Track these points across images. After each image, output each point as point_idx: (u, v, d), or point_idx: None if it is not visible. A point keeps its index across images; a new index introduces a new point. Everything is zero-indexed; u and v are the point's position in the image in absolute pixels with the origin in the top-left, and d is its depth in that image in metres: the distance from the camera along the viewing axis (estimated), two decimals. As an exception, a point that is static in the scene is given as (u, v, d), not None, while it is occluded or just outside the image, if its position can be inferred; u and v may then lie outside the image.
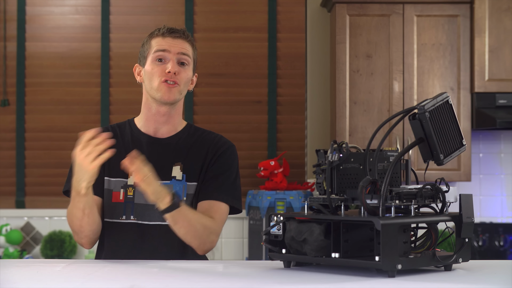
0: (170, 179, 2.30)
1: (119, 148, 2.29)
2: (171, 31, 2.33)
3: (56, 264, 2.05)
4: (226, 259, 4.44)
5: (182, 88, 2.31)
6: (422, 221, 1.79)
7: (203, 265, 2.01)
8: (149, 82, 2.31)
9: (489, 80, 4.13)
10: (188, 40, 2.35)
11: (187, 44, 2.34)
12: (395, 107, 4.15)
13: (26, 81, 4.55)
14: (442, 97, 1.83)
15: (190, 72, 2.34)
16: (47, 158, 4.53)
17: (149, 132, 2.36)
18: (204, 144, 2.36)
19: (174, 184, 2.30)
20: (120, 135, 2.36)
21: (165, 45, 2.31)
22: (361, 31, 4.13)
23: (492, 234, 4.40)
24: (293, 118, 4.56)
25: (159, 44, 2.31)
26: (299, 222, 1.81)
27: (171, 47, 2.30)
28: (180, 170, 2.31)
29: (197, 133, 2.39)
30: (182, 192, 2.30)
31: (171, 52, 2.30)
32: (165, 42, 2.31)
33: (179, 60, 2.31)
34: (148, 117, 2.35)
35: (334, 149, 1.80)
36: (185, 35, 2.34)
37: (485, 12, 4.14)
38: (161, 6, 4.59)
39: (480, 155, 4.53)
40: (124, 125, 2.41)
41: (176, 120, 2.37)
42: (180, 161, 2.32)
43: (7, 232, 4.41)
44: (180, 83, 2.30)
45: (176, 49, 2.30)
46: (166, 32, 2.32)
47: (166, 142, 2.35)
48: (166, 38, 2.32)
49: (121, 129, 2.39)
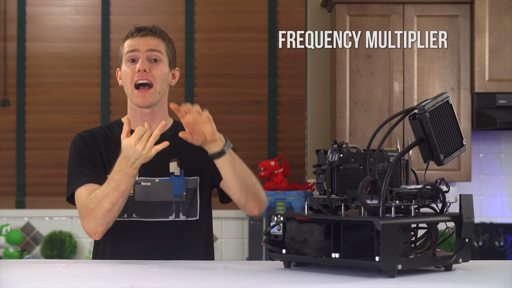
0: (168, 176, 2.31)
1: (113, 147, 2.30)
2: (139, 30, 2.32)
3: (56, 264, 2.04)
4: (226, 259, 4.44)
5: (158, 87, 2.29)
6: (422, 221, 1.79)
7: (203, 265, 2.01)
8: (125, 85, 2.32)
9: (489, 80, 4.13)
10: (158, 35, 2.33)
11: (157, 40, 2.32)
12: (395, 107, 4.15)
13: (26, 81, 4.55)
14: (442, 97, 1.83)
15: (164, 68, 2.32)
16: (47, 158, 4.53)
17: None
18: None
19: (173, 180, 2.30)
20: (111, 135, 2.36)
21: (134, 44, 2.31)
22: (361, 31, 4.13)
23: (492, 234, 4.39)
24: (293, 118, 4.56)
25: (129, 45, 2.31)
26: (299, 222, 1.81)
27: (140, 45, 2.30)
28: (178, 166, 2.32)
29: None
30: (182, 187, 2.31)
31: (140, 50, 2.30)
32: (134, 41, 2.31)
33: (149, 57, 2.30)
34: (135, 117, 2.34)
35: (334, 149, 1.80)
36: (153, 31, 2.32)
37: (485, 12, 4.14)
38: (161, 6, 4.59)
39: (480, 155, 4.53)
40: (113, 126, 2.40)
41: (162, 116, 2.36)
42: (176, 156, 2.33)
43: (7, 232, 4.41)
44: (155, 82, 2.28)
45: (144, 47, 2.30)
46: (135, 31, 2.33)
47: (159, 140, 2.34)
48: (135, 38, 2.32)
49: (110, 129, 2.38)
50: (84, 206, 2.19)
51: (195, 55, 4.57)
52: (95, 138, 2.34)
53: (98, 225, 2.16)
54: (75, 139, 2.35)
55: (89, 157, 2.30)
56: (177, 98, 4.47)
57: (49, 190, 4.50)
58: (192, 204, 2.32)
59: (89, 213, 2.16)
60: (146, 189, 2.29)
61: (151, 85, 2.28)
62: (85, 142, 2.32)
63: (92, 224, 2.17)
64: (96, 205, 2.14)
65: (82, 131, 2.37)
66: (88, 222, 2.17)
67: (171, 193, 2.30)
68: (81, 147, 2.31)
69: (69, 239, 4.36)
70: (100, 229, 2.17)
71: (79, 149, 2.31)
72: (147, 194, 2.29)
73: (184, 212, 2.31)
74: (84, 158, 2.29)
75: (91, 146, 2.32)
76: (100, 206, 2.14)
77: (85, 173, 2.26)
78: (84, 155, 2.30)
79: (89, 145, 2.32)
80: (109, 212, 2.14)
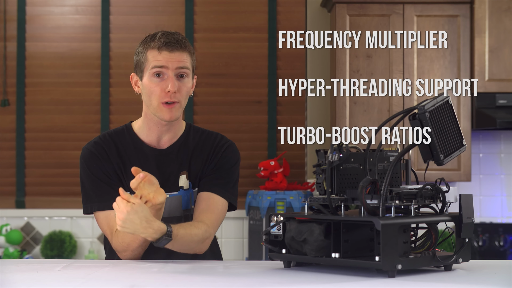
0: (178, 190, 2.27)
1: (124, 160, 2.25)
2: (167, 44, 2.19)
3: (56, 264, 2.04)
4: (226, 259, 4.43)
5: (183, 103, 2.23)
6: (422, 221, 1.79)
7: (203, 265, 2.01)
8: (148, 98, 2.22)
9: (489, 80, 4.13)
10: (186, 50, 2.22)
11: (185, 55, 2.22)
12: (395, 107, 4.15)
13: (26, 81, 4.55)
14: (442, 97, 1.83)
15: (189, 83, 2.24)
16: (47, 158, 4.53)
17: (151, 142, 2.28)
18: (204, 148, 2.31)
19: (182, 194, 2.27)
20: (121, 145, 2.28)
21: (162, 60, 2.18)
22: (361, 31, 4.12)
23: (492, 234, 4.39)
24: (293, 118, 4.56)
25: (156, 60, 2.19)
26: (299, 222, 1.81)
27: (169, 62, 2.18)
28: (187, 179, 2.28)
29: (196, 136, 2.33)
30: (190, 200, 2.28)
31: (169, 67, 2.18)
32: (162, 57, 2.18)
33: (177, 74, 2.20)
34: (151, 126, 2.27)
35: (334, 149, 1.80)
36: (181, 45, 2.21)
37: (485, 12, 4.14)
38: (161, 6, 4.59)
39: (480, 155, 4.53)
40: (123, 132, 2.31)
41: (178, 126, 2.31)
42: (185, 169, 2.29)
43: (7, 232, 4.41)
44: (182, 99, 2.21)
45: (174, 64, 2.18)
46: (163, 45, 2.18)
47: (169, 152, 2.29)
48: (162, 53, 2.18)
49: (120, 137, 2.29)
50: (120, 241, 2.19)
51: (195, 55, 4.56)
52: (105, 152, 2.26)
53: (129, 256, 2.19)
54: (85, 156, 2.26)
55: (103, 177, 2.23)
56: (177, 98, 4.47)
57: (49, 190, 4.50)
58: None
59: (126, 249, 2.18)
60: None
61: (178, 102, 2.22)
62: (96, 160, 2.25)
63: (126, 255, 2.20)
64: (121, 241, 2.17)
65: (90, 144, 2.28)
66: (121, 253, 2.21)
67: (181, 208, 2.28)
68: (93, 166, 2.24)
69: (69, 239, 4.36)
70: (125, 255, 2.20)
71: (91, 168, 2.24)
72: None
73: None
74: (98, 179, 2.23)
75: (102, 163, 2.24)
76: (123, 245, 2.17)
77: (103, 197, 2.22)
78: (98, 175, 2.23)
79: (100, 162, 2.24)
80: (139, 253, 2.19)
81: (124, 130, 2.31)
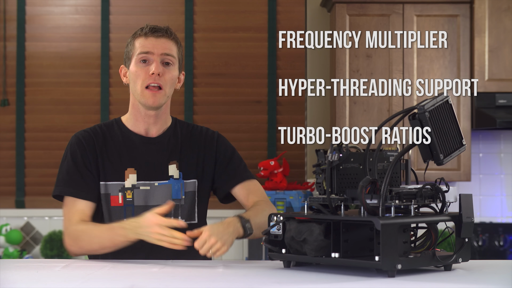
0: (167, 179, 2.30)
1: (111, 150, 2.30)
2: (154, 30, 2.27)
3: (56, 264, 2.04)
4: (226, 259, 4.43)
5: (167, 91, 2.28)
6: (422, 221, 1.79)
7: (203, 265, 2.01)
8: (134, 84, 2.28)
9: (489, 80, 4.13)
10: (171, 38, 2.29)
11: (171, 43, 2.28)
12: (395, 107, 4.15)
13: (26, 81, 4.55)
14: (442, 97, 1.83)
15: (175, 72, 2.30)
16: (47, 158, 4.53)
17: (140, 132, 2.33)
18: (193, 140, 2.36)
19: (172, 183, 2.29)
20: (109, 136, 2.33)
21: (148, 45, 2.26)
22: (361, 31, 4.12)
23: (492, 234, 4.39)
24: (293, 118, 4.56)
25: (142, 45, 2.27)
26: (299, 222, 1.81)
27: (154, 47, 2.26)
28: (177, 169, 2.31)
29: (184, 127, 2.39)
30: (180, 190, 2.30)
31: (154, 53, 2.25)
32: (148, 42, 2.26)
33: (163, 60, 2.27)
34: (138, 117, 2.32)
35: (334, 149, 1.80)
36: (168, 33, 2.28)
37: (485, 12, 4.14)
38: (161, 6, 4.59)
39: (480, 155, 4.53)
40: (112, 125, 2.36)
41: (165, 118, 2.36)
42: (175, 159, 2.32)
43: (7, 232, 4.41)
44: (165, 86, 2.26)
45: (159, 50, 2.26)
46: (149, 31, 2.27)
47: (158, 141, 2.33)
48: (149, 38, 2.27)
49: (109, 129, 2.34)
50: (73, 230, 2.23)
51: (195, 54, 4.57)
52: (93, 140, 2.31)
53: (78, 252, 2.23)
54: (72, 141, 2.32)
55: (81, 165, 2.27)
56: (177, 98, 4.47)
57: (48, 190, 4.46)
58: (191, 207, 2.32)
59: (76, 241, 2.22)
60: (146, 193, 2.28)
61: (161, 88, 2.26)
62: (81, 146, 2.30)
63: (74, 249, 2.23)
64: (86, 241, 2.20)
65: (80, 132, 2.34)
66: (71, 245, 2.23)
67: (171, 197, 2.29)
68: (76, 152, 2.29)
69: (69, 239, 4.36)
70: (78, 254, 2.24)
71: (74, 154, 2.29)
72: (147, 198, 2.28)
73: (183, 216, 2.30)
74: (76, 166, 2.28)
75: (87, 151, 2.29)
76: (91, 243, 2.19)
77: (74, 184, 2.27)
78: (77, 163, 2.28)
79: (84, 150, 2.29)
80: (94, 250, 2.21)
81: (113, 122, 2.38)
